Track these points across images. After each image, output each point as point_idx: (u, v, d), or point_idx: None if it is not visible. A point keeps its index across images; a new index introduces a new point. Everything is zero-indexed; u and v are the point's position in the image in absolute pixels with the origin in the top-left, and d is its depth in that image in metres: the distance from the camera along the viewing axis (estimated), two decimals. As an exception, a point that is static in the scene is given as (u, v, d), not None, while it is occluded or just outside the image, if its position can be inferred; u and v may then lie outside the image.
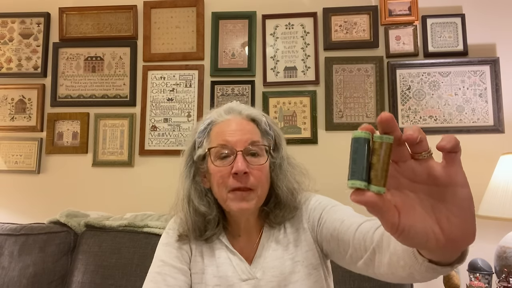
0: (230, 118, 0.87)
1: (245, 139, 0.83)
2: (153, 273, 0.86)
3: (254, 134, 0.86)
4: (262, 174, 0.84)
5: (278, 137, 0.91)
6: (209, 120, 0.89)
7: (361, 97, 1.75)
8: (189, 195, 0.88)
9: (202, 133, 0.88)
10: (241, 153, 0.81)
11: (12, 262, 1.43)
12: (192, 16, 1.86)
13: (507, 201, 1.34)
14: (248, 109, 0.90)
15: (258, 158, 0.84)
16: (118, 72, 1.86)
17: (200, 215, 0.86)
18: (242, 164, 0.80)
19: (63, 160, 1.82)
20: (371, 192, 0.39)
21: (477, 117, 1.68)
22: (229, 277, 0.85)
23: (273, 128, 0.91)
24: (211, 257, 0.88)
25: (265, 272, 0.85)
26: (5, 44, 1.92)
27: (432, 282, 1.67)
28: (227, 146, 0.83)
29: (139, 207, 1.72)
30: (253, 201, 0.83)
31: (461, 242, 0.42)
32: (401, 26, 1.76)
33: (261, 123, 0.88)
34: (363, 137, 0.40)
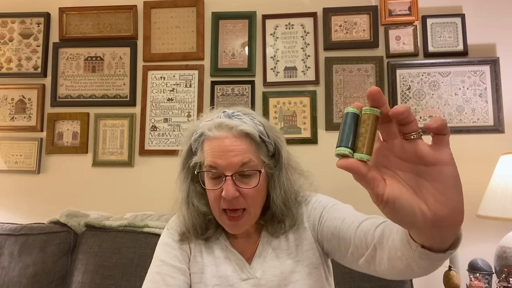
0: (221, 136, 0.80)
1: (236, 162, 0.79)
2: (153, 273, 0.86)
3: (246, 153, 0.80)
4: (253, 195, 0.81)
5: (278, 142, 0.87)
6: (201, 131, 0.84)
7: (361, 97, 1.75)
8: (187, 196, 0.87)
9: (197, 141, 0.86)
10: (230, 177, 0.79)
11: (12, 262, 1.43)
12: (192, 16, 1.86)
13: (507, 201, 1.35)
14: (240, 124, 0.81)
15: (250, 180, 0.81)
16: (118, 72, 1.86)
17: (201, 215, 0.86)
18: (231, 189, 0.78)
19: (63, 160, 1.82)
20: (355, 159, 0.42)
21: (477, 117, 1.68)
22: (229, 277, 0.85)
23: (272, 135, 0.86)
24: (210, 256, 0.88)
25: (265, 272, 0.85)
26: (5, 44, 1.92)
27: (432, 282, 1.68)
28: (217, 169, 0.80)
29: (139, 207, 1.72)
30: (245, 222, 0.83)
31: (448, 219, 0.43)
32: (401, 26, 1.76)
33: (255, 136, 0.82)
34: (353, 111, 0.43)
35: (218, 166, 0.80)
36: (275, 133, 0.87)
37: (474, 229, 1.59)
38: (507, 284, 1.26)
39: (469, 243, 1.59)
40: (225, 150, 0.79)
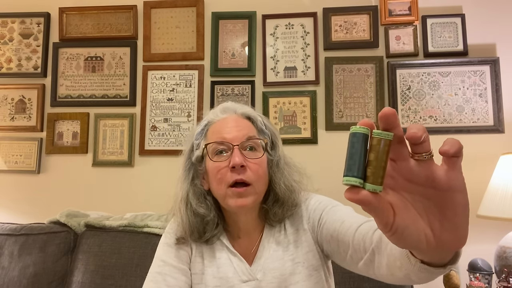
0: (226, 116, 0.88)
1: (242, 135, 0.84)
2: (154, 273, 0.86)
3: (251, 130, 0.87)
4: (259, 168, 0.84)
5: (274, 136, 0.92)
6: (205, 121, 0.90)
7: (361, 97, 1.75)
8: (187, 197, 0.87)
9: (200, 134, 0.89)
10: (238, 147, 0.82)
11: (12, 262, 1.43)
12: (192, 16, 1.86)
13: (507, 201, 1.35)
14: (243, 108, 0.91)
15: (255, 152, 0.85)
16: (118, 72, 1.86)
17: (198, 217, 0.86)
18: (239, 157, 0.81)
19: (63, 160, 1.82)
20: (366, 191, 0.38)
21: (477, 117, 1.68)
22: (230, 278, 0.85)
23: (269, 127, 0.92)
24: (211, 258, 0.88)
25: (265, 273, 0.85)
26: (5, 44, 1.92)
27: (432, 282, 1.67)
28: (224, 142, 0.83)
29: (139, 207, 1.72)
30: (251, 196, 0.83)
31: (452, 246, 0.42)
32: (401, 26, 1.76)
33: (256, 121, 0.90)
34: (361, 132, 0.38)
35: (225, 139, 0.83)
36: (272, 127, 0.93)
37: (474, 229, 1.59)
38: (507, 284, 1.26)
39: (469, 243, 1.58)
40: (231, 126, 0.85)
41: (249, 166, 0.82)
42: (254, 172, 0.83)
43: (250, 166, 0.83)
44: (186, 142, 0.94)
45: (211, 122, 0.89)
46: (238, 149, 0.82)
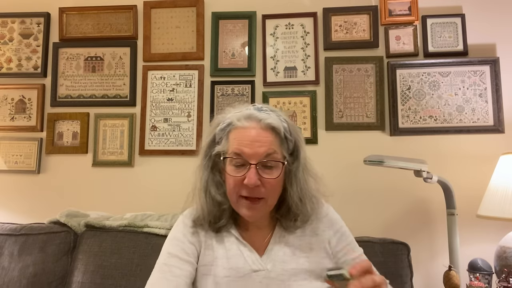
0: (249, 126, 0.86)
1: (261, 152, 0.84)
2: (160, 264, 0.89)
3: (271, 145, 0.86)
4: (273, 186, 0.86)
5: (298, 142, 0.91)
6: (229, 121, 0.89)
7: (361, 97, 1.75)
8: (206, 185, 0.91)
9: (222, 131, 0.90)
10: (255, 166, 0.83)
11: (12, 262, 1.43)
12: (192, 16, 1.86)
13: (507, 201, 1.34)
14: (268, 117, 0.87)
15: (272, 171, 0.85)
16: (118, 72, 1.86)
17: (216, 204, 0.90)
18: (253, 178, 0.82)
19: (63, 160, 1.82)
20: None
21: (477, 117, 1.68)
22: (240, 269, 0.87)
23: (294, 134, 0.91)
24: (221, 249, 0.91)
25: (275, 265, 0.88)
26: (5, 44, 1.92)
27: (432, 282, 1.67)
28: (242, 156, 0.84)
29: (139, 207, 1.72)
30: (262, 210, 0.87)
31: None
32: (401, 26, 1.76)
33: (280, 131, 0.87)
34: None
35: (243, 154, 0.84)
36: (297, 132, 0.92)
37: (474, 229, 1.59)
38: (507, 284, 1.26)
39: (469, 243, 1.59)
40: (252, 139, 0.84)
41: (263, 184, 0.84)
42: (268, 189, 0.85)
43: (265, 184, 0.84)
44: (208, 131, 0.94)
45: (234, 125, 0.88)
46: (255, 168, 0.83)
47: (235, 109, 0.91)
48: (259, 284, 0.86)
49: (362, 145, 1.70)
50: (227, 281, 0.86)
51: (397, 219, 1.67)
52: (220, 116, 0.93)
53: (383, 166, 1.38)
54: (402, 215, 1.67)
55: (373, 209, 1.66)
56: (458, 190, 1.48)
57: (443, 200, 1.45)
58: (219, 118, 0.93)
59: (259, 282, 0.86)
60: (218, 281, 0.87)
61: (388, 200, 1.67)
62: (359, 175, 1.67)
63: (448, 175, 1.52)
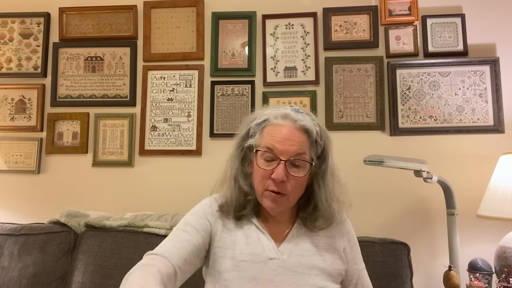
0: (284, 124, 0.92)
1: (292, 151, 0.89)
2: (176, 230, 0.96)
3: (302, 145, 0.91)
4: (297, 184, 0.91)
5: (327, 147, 0.97)
6: (265, 117, 0.95)
7: (361, 97, 1.75)
8: (236, 175, 0.97)
9: (258, 126, 0.95)
10: (284, 163, 0.89)
11: (12, 262, 1.43)
12: (192, 16, 1.86)
13: (507, 201, 1.34)
14: (303, 119, 0.93)
15: (299, 170, 0.91)
16: (118, 72, 1.86)
17: (243, 194, 0.96)
18: (281, 173, 0.88)
19: (63, 160, 1.82)
20: None
21: (477, 117, 1.68)
22: (257, 255, 0.92)
23: (324, 139, 0.96)
24: (241, 235, 0.96)
25: (291, 257, 0.93)
26: (5, 44, 1.92)
27: (432, 282, 1.67)
28: (273, 152, 0.90)
29: (139, 207, 1.72)
30: (283, 205, 0.93)
31: None
32: (401, 26, 1.76)
33: (312, 134, 0.93)
34: None
35: (275, 149, 0.90)
36: (327, 138, 0.98)
37: (474, 229, 1.59)
38: (507, 284, 1.26)
39: (469, 243, 1.59)
40: (284, 137, 0.90)
41: (289, 181, 0.90)
42: (292, 186, 0.91)
43: (290, 181, 0.90)
44: (242, 125, 1.00)
45: (270, 122, 0.94)
46: (284, 164, 0.89)
47: (273, 108, 0.97)
48: (273, 272, 0.90)
49: (362, 145, 1.70)
50: (244, 265, 0.91)
51: (397, 219, 1.67)
52: (258, 112, 0.99)
53: (383, 166, 1.38)
54: (402, 215, 1.67)
55: (373, 209, 1.66)
56: (458, 190, 1.48)
57: (443, 200, 1.45)
58: (256, 113, 0.99)
59: (273, 270, 0.91)
60: (236, 264, 0.91)
61: (388, 200, 1.67)
62: (359, 175, 1.67)
63: (448, 175, 1.52)
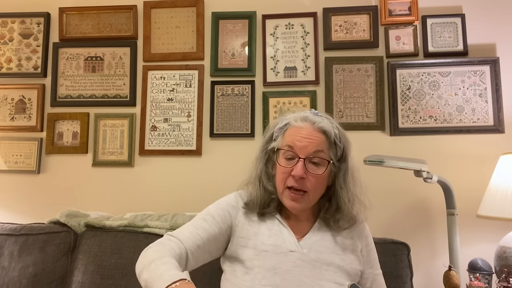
0: (303, 126, 0.98)
1: (310, 148, 0.95)
2: (197, 217, 1.03)
3: (321, 145, 0.96)
4: (317, 182, 0.96)
5: (346, 149, 1.02)
6: (287, 121, 1.02)
7: (361, 97, 1.75)
8: (260, 175, 1.04)
9: (280, 130, 1.02)
10: (303, 160, 0.94)
11: (12, 262, 1.43)
12: (192, 16, 1.86)
13: (507, 201, 1.34)
14: (321, 122, 0.99)
15: (318, 167, 0.96)
16: (118, 72, 1.86)
17: (267, 193, 1.03)
18: (300, 170, 0.93)
19: (63, 160, 1.82)
20: None
21: (477, 117, 1.68)
22: (278, 246, 0.96)
23: (343, 141, 1.01)
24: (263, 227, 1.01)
25: (311, 251, 0.97)
26: (5, 44, 1.92)
27: (432, 282, 1.67)
28: (293, 149, 0.96)
29: (139, 207, 1.72)
30: (304, 203, 0.97)
31: None
32: (401, 26, 1.76)
33: (330, 135, 0.98)
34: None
35: (295, 147, 0.96)
36: (347, 140, 1.03)
37: (474, 229, 1.59)
38: (507, 284, 1.26)
39: (469, 243, 1.59)
40: (304, 136, 0.96)
41: (308, 178, 0.95)
42: (312, 184, 0.95)
43: (309, 179, 0.95)
44: (267, 130, 1.08)
45: (291, 125, 1.01)
46: (303, 161, 0.94)
47: (294, 113, 1.04)
48: (293, 264, 0.94)
49: (362, 145, 1.70)
50: (265, 255, 0.95)
51: (397, 219, 1.67)
52: (280, 117, 1.06)
53: (383, 166, 1.38)
54: (402, 215, 1.67)
55: (373, 209, 1.65)
56: (458, 190, 1.48)
57: (443, 200, 1.45)
58: (279, 118, 1.06)
59: (293, 262, 0.94)
60: (258, 253, 0.96)
61: (388, 200, 1.67)
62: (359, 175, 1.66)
63: (448, 175, 1.52)
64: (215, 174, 1.75)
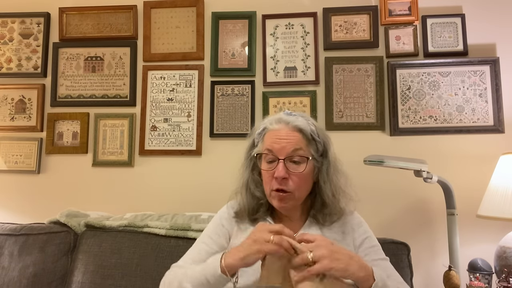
0: (279, 127, 1.01)
1: (288, 148, 0.97)
2: (198, 241, 1.08)
3: (298, 143, 0.98)
4: (300, 180, 0.98)
5: (326, 144, 1.03)
6: (264, 126, 1.04)
7: (361, 97, 1.75)
8: (247, 183, 1.06)
9: (259, 135, 1.05)
10: (283, 161, 0.96)
11: (12, 262, 1.43)
12: (192, 16, 1.86)
13: (507, 201, 1.34)
14: (295, 121, 1.00)
15: (299, 165, 0.97)
16: (118, 72, 1.86)
17: (255, 199, 1.05)
18: (281, 171, 0.95)
19: (63, 160, 1.82)
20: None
21: (477, 117, 1.68)
22: None
23: (322, 136, 1.02)
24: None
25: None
26: (5, 44, 1.92)
27: (432, 282, 1.67)
28: (272, 152, 0.98)
29: (139, 207, 1.72)
30: (291, 202, 0.99)
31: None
32: (401, 26, 1.76)
33: (307, 132, 0.99)
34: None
35: (273, 149, 0.98)
36: (325, 135, 1.05)
37: (474, 229, 1.59)
38: (507, 284, 1.26)
39: (469, 243, 1.59)
40: (281, 137, 0.98)
41: (291, 178, 0.96)
42: (295, 183, 0.97)
43: (292, 178, 0.97)
44: (249, 136, 1.10)
45: (268, 128, 1.03)
46: (283, 162, 0.96)
47: (270, 116, 1.06)
48: None
49: (362, 145, 1.70)
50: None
51: (397, 219, 1.67)
52: (258, 123, 1.08)
53: (383, 166, 1.38)
54: (402, 215, 1.67)
55: (373, 209, 1.66)
56: (458, 190, 1.48)
57: (443, 200, 1.45)
58: (257, 124, 1.08)
59: None
60: None
61: (388, 200, 1.67)
62: (359, 175, 1.66)
63: (448, 175, 1.52)
64: (215, 174, 1.75)
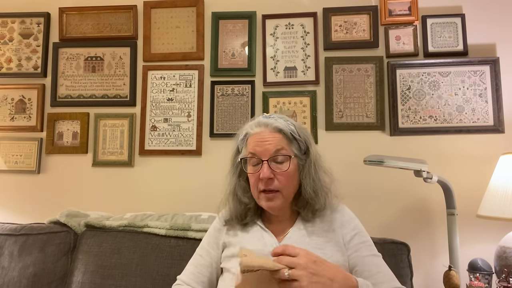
0: (260, 130, 1.03)
1: (270, 149, 0.99)
2: (195, 254, 1.13)
3: (279, 143, 1.00)
4: (285, 179, 1.00)
5: (308, 142, 1.05)
6: (245, 131, 1.07)
7: (361, 97, 1.75)
8: (234, 189, 1.08)
9: (242, 140, 1.07)
10: (267, 162, 0.99)
11: (12, 262, 1.43)
12: (192, 16, 1.86)
13: (507, 201, 1.34)
14: (274, 122, 1.03)
15: (282, 165, 1.00)
16: (118, 72, 1.86)
17: (242, 205, 1.07)
18: (266, 171, 0.97)
19: (63, 160, 1.82)
20: None
21: (477, 117, 1.68)
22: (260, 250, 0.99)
23: (303, 135, 1.05)
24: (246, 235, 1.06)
25: None
26: (5, 44, 1.92)
27: (432, 282, 1.67)
28: (256, 155, 1.00)
29: (139, 207, 1.72)
30: (279, 201, 1.00)
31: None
32: (401, 26, 1.76)
33: (287, 132, 1.02)
34: None
35: (256, 152, 1.00)
36: (306, 133, 1.07)
37: (474, 229, 1.59)
38: (507, 284, 1.26)
39: (469, 243, 1.59)
40: (262, 140, 1.01)
41: (276, 177, 0.99)
42: (281, 182, 0.99)
43: (278, 177, 0.99)
44: (234, 143, 1.11)
45: (249, 133, 1.05)
46: (267, 163, 0.98)
47: (251, 121, 1.08)
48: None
49: (362, 145, 1.70)
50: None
51: (397, 219, 1.67)
52: (240, 129, 1.10)
53: (383, 166, 1.38)
54: (402, 215, 1.67)
55: (373, 209, 1.66)
56: (458, 190, 1.48)
57: (443, 200, 1.45)
58: (239, 130, 1.10)
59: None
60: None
61: (388, 200, 1.67)
62: (359, 175, 1.67)
63: (448, 175, 1.52)
64: (215, 174, 1.75)
